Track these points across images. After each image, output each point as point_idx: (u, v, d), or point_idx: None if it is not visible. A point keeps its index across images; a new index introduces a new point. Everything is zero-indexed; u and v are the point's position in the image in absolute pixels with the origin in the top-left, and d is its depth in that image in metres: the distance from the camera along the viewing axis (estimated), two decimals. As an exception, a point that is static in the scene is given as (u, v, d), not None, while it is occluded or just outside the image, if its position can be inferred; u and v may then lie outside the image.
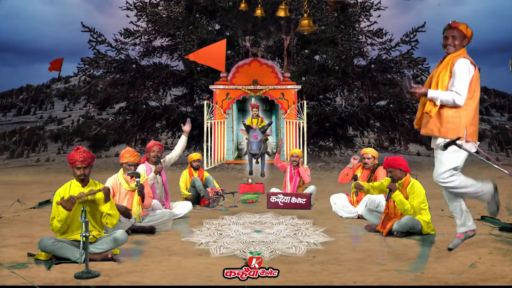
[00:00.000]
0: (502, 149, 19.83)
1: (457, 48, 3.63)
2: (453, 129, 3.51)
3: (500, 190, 7.74)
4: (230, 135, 12.99)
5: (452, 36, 3.63)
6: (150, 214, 5.13)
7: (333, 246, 4.37)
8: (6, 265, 3.59)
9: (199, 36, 14.70)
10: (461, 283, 3.23)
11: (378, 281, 3.28)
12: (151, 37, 16.77)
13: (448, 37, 3.65)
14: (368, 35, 16.49)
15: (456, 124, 3.51)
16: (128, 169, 4.97)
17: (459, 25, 3.64)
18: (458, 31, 3.63)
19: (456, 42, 3.62)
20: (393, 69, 15.87)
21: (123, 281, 3.28)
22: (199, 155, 7.38)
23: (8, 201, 6.74)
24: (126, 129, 15.60)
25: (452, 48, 3.63)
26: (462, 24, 3.66)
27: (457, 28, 3.63)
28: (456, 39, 3.62)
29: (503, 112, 27.63)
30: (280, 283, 3.23)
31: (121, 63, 15.80)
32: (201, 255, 4.05)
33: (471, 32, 3.67)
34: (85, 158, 3.82)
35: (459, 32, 3.63)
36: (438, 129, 3.55)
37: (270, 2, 12.91)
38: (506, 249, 4.10)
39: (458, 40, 3.62)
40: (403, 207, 4.64)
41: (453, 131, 3.51)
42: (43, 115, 26.72)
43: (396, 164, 4.70)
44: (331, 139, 16.93)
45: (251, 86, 12.76)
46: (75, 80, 27.67)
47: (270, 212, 6.25)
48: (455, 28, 3.63)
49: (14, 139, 20.58)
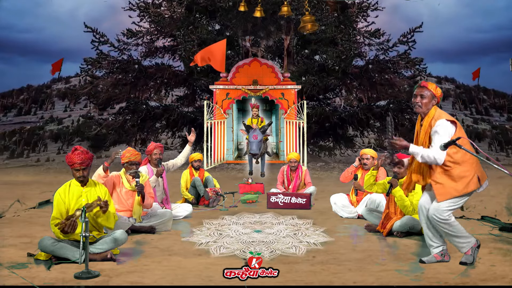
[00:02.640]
0: (502, 149, 19.81)
1: (426, 107, 3.62)
2: (468, 182, 3.50)
3: (500, 190, 7.72)
4: (230, 135, 12.99)
5: (421, 95, 3.63)
6: (150, 214, 5.13)
7: (333, 246, 4.37)
8: (6, 265, 3.59)
9: (199, 36, 14.70)
10: (461, 283, 3.23)
11: (378, 281, 3.28)
12: (153, 37, 16.79)
13: (417, 95, 3.65)
14: (365, 36, 16.50)
15: (469, 175, 3.50)
16: (130, 168, 4.97)
17: (429, 84, 3.65)
18: (427, 90, 3.63)
19: (424, 101, 3.61)
20: (390, 70, 15.87)
21: (123, 281, 3.28)
22: (200, 155, 7.38)
23: (8, 201, 6.74)
24: (126, 129, 15.61)
25: (419, 107, 3.63)
26: (431, 83, 3.67)
27: (427, 88, 3.63)
28: (424, 98, 3.61)
29: (503, 112, 27.62)
30: (280, 283, 3.23)
31: (124, 63, 15.82)
32: (201, 255, 4.05)
33: (440, 92, 3.67)
34: (83, 160, 3.82)
35: (429, 91, 3.63)
36: (456, 189, 3.51)
37: (270, 2, 12.91)
38: (506, 249, 4.11)
39: (426, 99, 3.61)
40: (403, 203, 4.66)
41: (471, 184, 3.50)
42: (43, 115, 26.71)
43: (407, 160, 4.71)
44: (331, 139, 16.93)
45: (251, 86, 12.76)
46: (76, 80, 27.70)
47: (270, 212, 6.25)
48: (425, 87, 3.64)
49: (14, 139, 20.57)
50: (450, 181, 3.51)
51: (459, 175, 3.49)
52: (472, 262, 3.60)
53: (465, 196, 3.54)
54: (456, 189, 3.50)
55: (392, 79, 15.93)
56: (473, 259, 3.61)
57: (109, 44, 15.72)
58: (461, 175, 3.48)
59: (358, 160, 6.22)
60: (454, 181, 3.50)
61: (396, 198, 4.71)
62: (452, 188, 3.50)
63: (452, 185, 3.50)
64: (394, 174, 4.80)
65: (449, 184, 3.51)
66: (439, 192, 3.54)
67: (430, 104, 3.63)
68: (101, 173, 5.07)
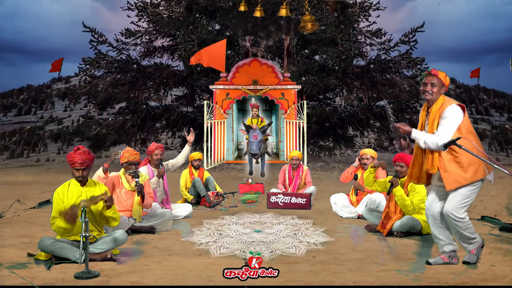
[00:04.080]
0: (502, 149, 19.81)
1: (434, 96, 3.64)
2: (477, 170, 3.49)
3: (500, 190, 7.73)
4: (230, 135, 12.99)
5: (431, 84, 3.64)
6: (150, 214, 5.13)
7: (333, 246, 4.37)
8: (6, 265, 3.59)
9: (199, 36, 14.70)
10: (461, 283, 3.23)
11: (378, 281, 3.28)
12: (152, 37, 16.78)
13: (427, 83, 3.65)
14: (367, 35, 16.49)
15: (477, 163, 3.49)
16: (129, 168, 4.97)
17: (439, 73, 3.66)
18: (437, 79, 3.64)
19: (435, 89, 3.63)
20: (392, 69, 15.87)
21: (123, 281, 3.28)
22: (200, 155, 7.37)
23: (8, 201, 6.74)
24: (126, 129, 15.60)
25: (429, 95, 3.64)
26: (441, 72, 3.68)
27: (437, 76, 3.65)
28: (434, 86, 3.63)
29: (503, 112, 27.63)
30: (280, 283, 3.23)
31: (122, 63, 15.81)
32: (201, 255, 4.05)
33: (449, 81, 3.69)
34: (84, 161, 3.81)
35: (439, 80, 3.64)
36: (464, 177, 3.50)
37: (270, 2, 12.91)
38: (506, 249, 4.11)
39: (436, 88, 3.63)
40: (403, 202, 4.66)
41: (478, 173, 3.50)
42: (43, 115, 26.71)
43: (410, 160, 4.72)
44: (331, 139, 16.93)
45: (251, 86, 12.76)
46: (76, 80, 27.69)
47: (270, 212, 6.25)
48: (435, 76, 3.65)
49: (14, 139, 20.56)
50: (458, 169, 3.50)
51: (469, 162, 3.47)
52: (476, 261, 3.61)
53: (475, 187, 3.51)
54: (465, 178, 3.48)
55: (393, 79, 15.92)
56: (476, 258, 3.62)
57: (107, 44, 15.70)
58: (470, 162, 3.47)
59: (358, 160, 6.21)
60: (463, 169, 3.49)
61: (397, 198, 4.71)
62: (461, 176, 3.49)
63: (460, 173, 3.49)
64: (395, 173, 4.81)
65: (458, 172, 3.50)
66: (448, 180, 3.53)
67: (439, 93, 3.65)
68: (101, 175, 5.07)
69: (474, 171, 3.49)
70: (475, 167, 3.49)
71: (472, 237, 3.61)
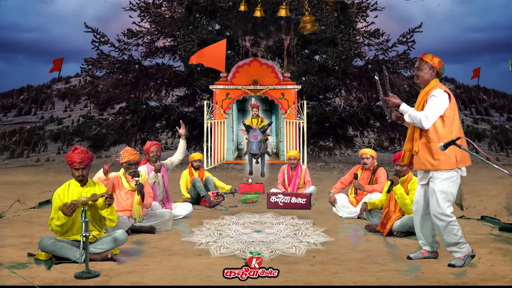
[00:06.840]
0: (502, 149, 19.80)
1: (422, 79, 3.65)
2: (445, 160, 3.53)
3: (500, 190, 7.73)
4: (230, 135, 12.98)
5: (417, 68, 3.68)
6: (150, 214, 5.14)
7: (333, 246, 4.38)
8: (6, 265, 3.59)
9: (199, 36, 14.69)
10: (461, 283, 3.23)
11: (378, 281, 3.28)
12: (154, 37, 16.79)
13: (416, 68, 3.70)
14: (365, 36, 16.49)
15: (447, 155, 3.51)
16: (129, 168, 4.97)
17: (424, 55, 3.68)
18: (423, 62, 3.65)
19: (420, 73, 3.65)
20: (390, 70, 15.87)
21: (123, 281, 3.28)
22: (200, 155, 7.38)
23: (8, 201, 6.74)
24: (126, 129, 15.59)
25: (416, 78, 3.70)
26: (427, 54, 3.68)
27: (422, 59, 3.67)
28: (420, 70, 3.66)
29: (503, 112, 27.63)
30: (280, 283, 3.23)
31: (124, 63, 15.82)
32: (201, 255, 4.05)
33: (437, 62, 3.65)
34: (83, 159, 3.81)
35: (425, 63, 3.65)
36: (431, 163, 3.57)
37: (270, 2, 12.90)
38: (506, 249, 4.11)
39: (422, 71, 3.65)
40: (403, 201, 4.67)
41: (445, 162, 3.54)
42: (43, 115, 26.72)
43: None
44: (331, 139, 16.92)
45: (251, 86, 12.75)
46: (76, 80, 27.69)
47: (270, 212, 6.25)
48: (421, 59, 3.68)
49: (14, 139, 20.56)
50: (428, 154, 3.58)
51: (438, 151, 3.51)
52: (461, 266, 3.56)
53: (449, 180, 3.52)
54: (431, 163, 3.57)
55: (392, 79, 15.91)
56: (463, 264, 3.57)
57: (109, 44, 15.72)
58: (439, 152, 3.49)
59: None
60: (432, 155, 3.56)
61: (397, 196, 4.71)
62: (427, 161, 3.59)
63: (428, 158, 3.58)
64: (395, 172, 4.81)
65: (426, 157, 3.59)
66: (416, 161, 3.67)
67: (429, 74, 3.65)
68: (101, 177, 5.07)
69: (443, 160, 3.52)
70: (446, 157, 3.52)
71: (460, 242, 3.59)
